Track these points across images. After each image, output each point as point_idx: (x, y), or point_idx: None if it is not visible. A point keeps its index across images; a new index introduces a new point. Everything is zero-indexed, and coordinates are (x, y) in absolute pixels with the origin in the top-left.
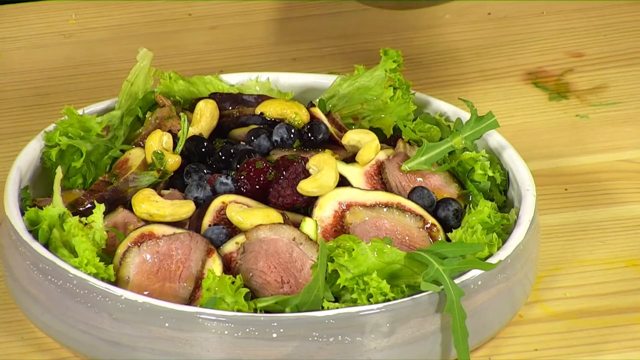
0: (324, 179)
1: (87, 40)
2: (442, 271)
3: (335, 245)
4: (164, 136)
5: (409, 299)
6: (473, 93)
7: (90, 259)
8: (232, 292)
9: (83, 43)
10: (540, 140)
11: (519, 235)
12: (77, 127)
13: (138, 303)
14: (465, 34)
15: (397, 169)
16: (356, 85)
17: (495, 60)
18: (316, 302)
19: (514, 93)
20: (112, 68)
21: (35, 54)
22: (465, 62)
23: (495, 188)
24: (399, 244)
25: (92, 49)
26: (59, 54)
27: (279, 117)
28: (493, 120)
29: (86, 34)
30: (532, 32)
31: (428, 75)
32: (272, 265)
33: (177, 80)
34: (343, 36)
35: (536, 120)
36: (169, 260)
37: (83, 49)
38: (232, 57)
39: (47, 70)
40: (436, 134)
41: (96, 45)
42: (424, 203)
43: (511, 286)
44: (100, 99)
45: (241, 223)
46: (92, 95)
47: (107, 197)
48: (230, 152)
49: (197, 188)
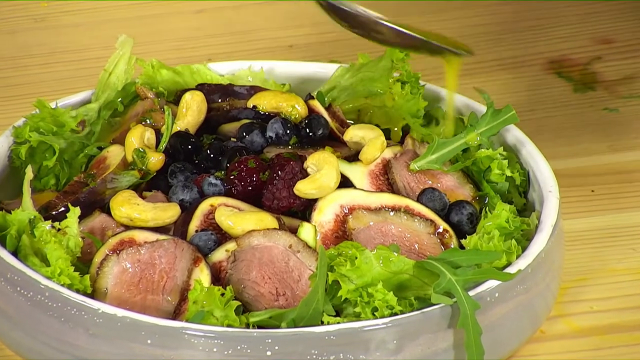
0: (323, 179)
1: (60, 25)
2: (455, 282)
3: (336, 253)
4: (146, 132)
5: (418, 313)
6: (489, 84)
7: (64, 269)
8: (222, 306)
9: (56, 28)
10: (564, 137)
11: (541, 241)
12: (49, 122)
13: (117, 317)
14: (480, 18)
15: (405, 168)
16: (359, 76)
17: (514, 47)
18: (315, 317)
19: (535, 84)
20: (89, 56)
21: (2, 40)
22: (481, 50)
23: (514, 189)
24: (407, 251)
25: (66, 34)
26: (29, 40)
27: (273, 110)
28: (512, 114)
29: (60, 18)
30: (555, 16)
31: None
32: (266, 275)
33: (161, 69)
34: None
35: (560, 114)
36: (152, 270)
37: (56, 35)
38: (221, 44)
39: (16, 58)
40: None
41: (70, 30)
42: (435, 206)
43: (532, 298)
44: (75, 91)
45: (232, 228)
46: (66, 86)
47: (82, 200)
48: (219, 150)
49: (182, 190)
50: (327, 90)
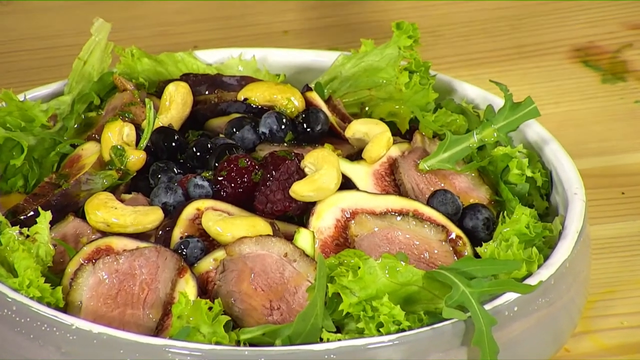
0: (322, 180)
1: (29, 9)
2: (469, 294)
3: (336, 263)
4: (125, 127)
5: (428, 329)
6: (508, 74)
7: (33, 280)
8: (209, 321)
9: (24, 12)
10: (590, 133)
11: (565, 249)
12: (16, 116)
13: (93, 334)
14: (498, 2)
15: (413, 168)
16: (363, 66)
17: (536, 33)
18: (313, 333)
19: (559, 74)
20: (61, 43)
21: None
22: (499, 36)
23: (535, 191)
24: (416, 260)
25: (35, 19)
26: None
27: (267, 103)
28: (532, 107)
29: (28, 2)
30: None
31: (452, 53)
32: (258, 287)
33: (141, 58)
34: (346, 4)
35: (586, 108)
36: (131, 282)
37: (24, 20)
38: (208, 30)
39: None
40: (462, 125)
41: (41, 14)
42: (447, 210)
43: (555, 313)
44: (46, 82)
45: (220, 235)
46: (36, 77)
47: (54, 203)
48: (206, 148)
49: (165, 192)
50: (327, 81)
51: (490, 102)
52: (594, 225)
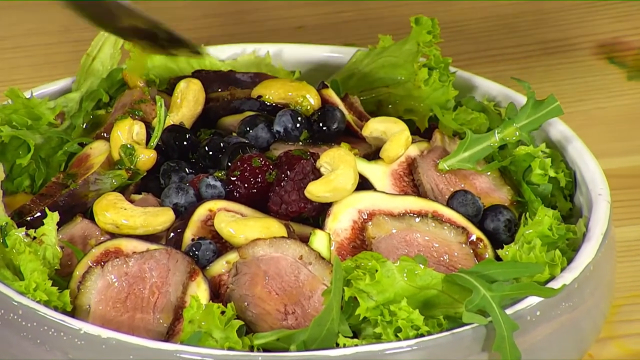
0: (339, 180)
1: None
2: (490, 298)
3: (353, 266)
4: (135, 126)
5: (447, 334)
6: (530, 71)
7: (40, 283)
8: (222, 325)
9: (31, 5)
10: (616, 132)
11: (589, 252)
12: (23, 114)
13: (101, 339)
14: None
15: (432, 167)
16: (380, 62)
17: (560, 28)
18: (329, 338)
19: (583, 71)
20: (69, 38)
21: None
22: (521, 32)
23: (559, 192)
24: (435, 263)
25: (42, 12)
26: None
27: (281, 101)
28: (556, 105)
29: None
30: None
31: (473, 49)
32: (272, 290)
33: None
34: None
35: (611, 106)
36: (141, 285)
37: (31, 13)
38: (221, 25)
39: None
40: (483, 124)
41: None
42: (468, 211)
43: (578, 318)
44: (53, 78)
45: (233, 237)
46: (43, 73)
47: (61, 204)
48: (219, 146)
49: (176, 192)
50: (343, 78)
51: (512, 100)
52: (619, 227)
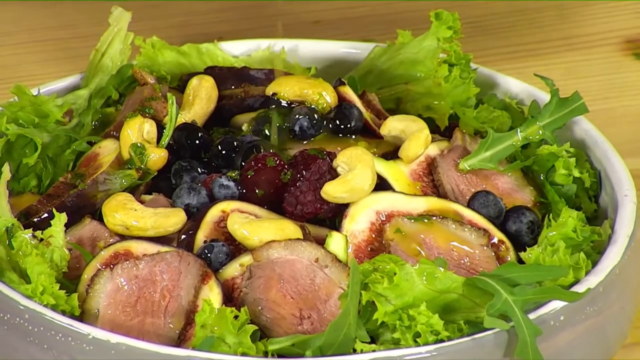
0: (356, 180)
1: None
2: (512, 303)
3: (371, 269)
4: (145, 124)
5: (468, 339)
6: (554, 67)
7: (47, 286)
8: (235, 330)
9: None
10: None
11: (615, 255)
12: (29, 112)
13: (110, 344)
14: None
15: (453, 167)
16: (399, 58)
17: (585, 24)
18: (346, 344)
19: (609, 67)
20: (77, 33)
21: None
22: (545, 27)
23: (583, 193)
24: (456, 266)
25: (50, 7)
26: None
27: (297, 99)
28: (580, 103)
29: None
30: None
31: (494, 44)
32: (287, 294)
33: (163, 49)
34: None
35: (638, 104)
36: (152, 288)
37: (38, 8)
38: (234, 20)
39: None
40: (505, 122)
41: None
42: (489, 213)
43: (604, 323)
44: (61, 75)
45: (247, 239)
46: (50, 70)
47: (69, 204)
48: (232, 145)
49: (188, 192)
50: (361, 75)
51: (535, 98)
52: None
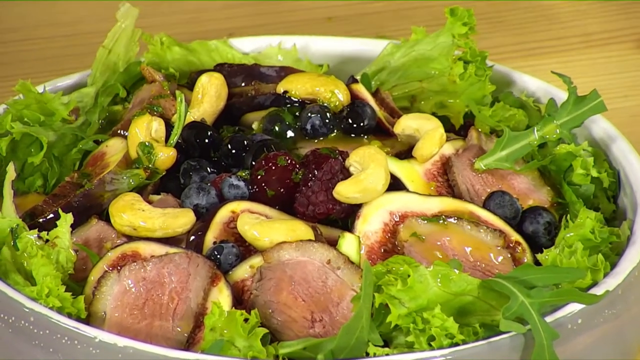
0: (369, 180)
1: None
2: (528, 305)
3: (384, 270)
4: (154, 122)
5: (483, 343)
6: (572, 65)
7: (53, 288)
8: (245, 334)
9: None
10: None
11: (633, 257)
12: (35, 110)
13: (118, 347)
14: None
15: (468, 167)
16: (413, 55)
17: (603, 20)
18: (359, 347)
19: (628, 64)
20: (83, 30)
21: None
22: (562, 23)
23: (602, 193)
24: (471, 268)
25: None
26: (10, 11)
27: (308, 97)
28: (599, 101)
29: None
30: None
31: (510, 41)
32: (299, 296)
33: (171, 46)
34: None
35: None
36: (160, 290)
37: (43, 4)
38: (245, 16)
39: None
40: (521, 121)
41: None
42: (505, 213)
43: (622, 326)
44: (67, 72)
45: (257, 240)
46: (56, 67)
47: (75, 205)
48: (242, 144)
49: (197, 192)
50: (374, 72)
51: (553, 96)
52: None
